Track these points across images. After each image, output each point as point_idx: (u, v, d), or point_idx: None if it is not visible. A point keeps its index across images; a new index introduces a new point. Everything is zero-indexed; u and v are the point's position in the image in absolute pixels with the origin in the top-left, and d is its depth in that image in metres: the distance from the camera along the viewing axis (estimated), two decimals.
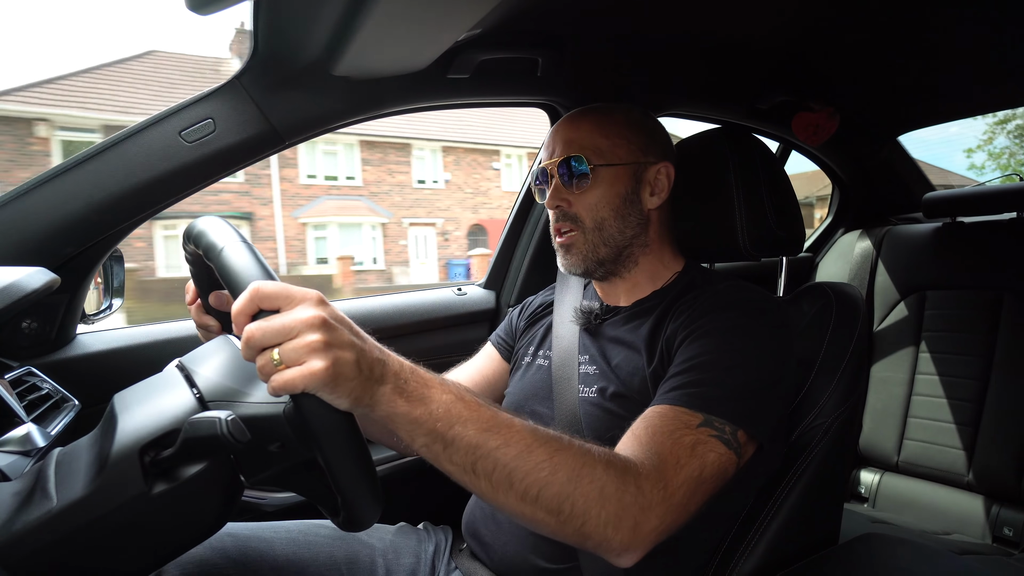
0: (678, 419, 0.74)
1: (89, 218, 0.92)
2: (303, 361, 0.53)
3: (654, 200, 0.98)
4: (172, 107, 0.98)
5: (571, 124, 0.98)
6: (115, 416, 0.59)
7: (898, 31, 1.29)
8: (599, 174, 0.94)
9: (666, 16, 1.14)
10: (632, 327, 0.94)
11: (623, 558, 0.67)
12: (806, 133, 1.66)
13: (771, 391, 0.80)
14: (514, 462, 0.62)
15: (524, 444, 0.63)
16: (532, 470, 0.62)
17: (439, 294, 1.55)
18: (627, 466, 0.67)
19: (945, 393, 1.71)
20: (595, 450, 0.67)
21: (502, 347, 1.15)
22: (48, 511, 0.54)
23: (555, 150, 0.97)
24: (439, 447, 0.61)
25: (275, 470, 0.61)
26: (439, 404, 0.61)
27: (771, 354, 0.82)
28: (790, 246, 1.09)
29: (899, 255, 1.88)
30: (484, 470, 0.62)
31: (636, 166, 0.96)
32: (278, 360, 0.53)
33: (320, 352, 0.54)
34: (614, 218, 0.95)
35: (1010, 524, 1.55)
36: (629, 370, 0.89)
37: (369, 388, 0.57)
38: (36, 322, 0.99)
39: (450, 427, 0.61)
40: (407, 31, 0.90)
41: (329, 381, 0.54)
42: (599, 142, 0.95)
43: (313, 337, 0.54)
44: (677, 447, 0.71)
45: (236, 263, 0.59)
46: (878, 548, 0.90)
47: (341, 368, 0.54)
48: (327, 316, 0.55)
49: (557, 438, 0.66)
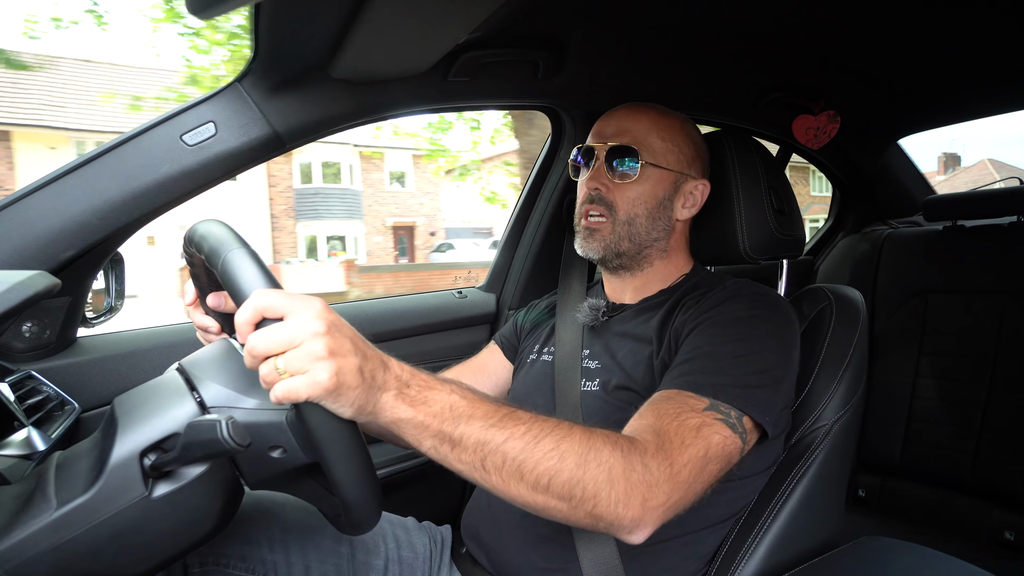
0: (684, 402, 0.75)
1: (90, 221, 0.92)
2: (306, 370, 0.54)
3: (684, 212, 0.99)
4: (173, 110, 0.98)
5: (631, 114, 0.98)
6: (115, 419, 0.59)
7: (899, 34, 1.29)
8: (646, 171, 0.95)
9: (666, 19, 1.14)
10: (640, 321, 0.95)
11: (634, 535, 0.68)
12: (806, 136, 1.66)
13: (777, 381, 0.81)
14: (522, 454, 0.63)
15: (530, 435, 0.64)
16: (541, 459, 0.63)
17: (439, 297, 1.55)
18: (632, 445, 0.68)
19: (946, 397, 1.70)
20: (600, 432, 0.67)
21: (506, 346, 1.15)
22: (48, 515, 0.54)
23: (608, 133, 0.97)
24: (447, 448, 0.62)
25: (276, 474, 0.61)
26: (442, 405, 0.61)
27: (778, 345, 0.83)
28: (790, 249, 1.09)
29: (900, 258, 1.88)
30: (494, 465, 0.62)
31: (679, 176, 0.97)
32: (282, 369, 0.54)
33: (323, 362, 0.54)
34: (646, 217, 0.96)
35: (1011, 528, 1.55)
36: (634, 360, 0.90)
37: (372, 395, 0.58)
38: (37, 326, 0.99)
39: (455, 426, 0.61)
40: (408, 34, 0.91)
41: (332, 390, 0.54)
42: (654, 141, 0.95)
43: (317, 347, 0.54)
44: (682, 428, 0.72)
45: (239, 269, 0.59)
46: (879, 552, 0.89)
47: (344, 377, 0.55)
48: (330, 325, 0.56)
49: (560, 425, 0.66)
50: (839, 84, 1.56)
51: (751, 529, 0.87)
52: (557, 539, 0.84)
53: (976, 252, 1.73)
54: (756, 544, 0.85)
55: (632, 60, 1.27)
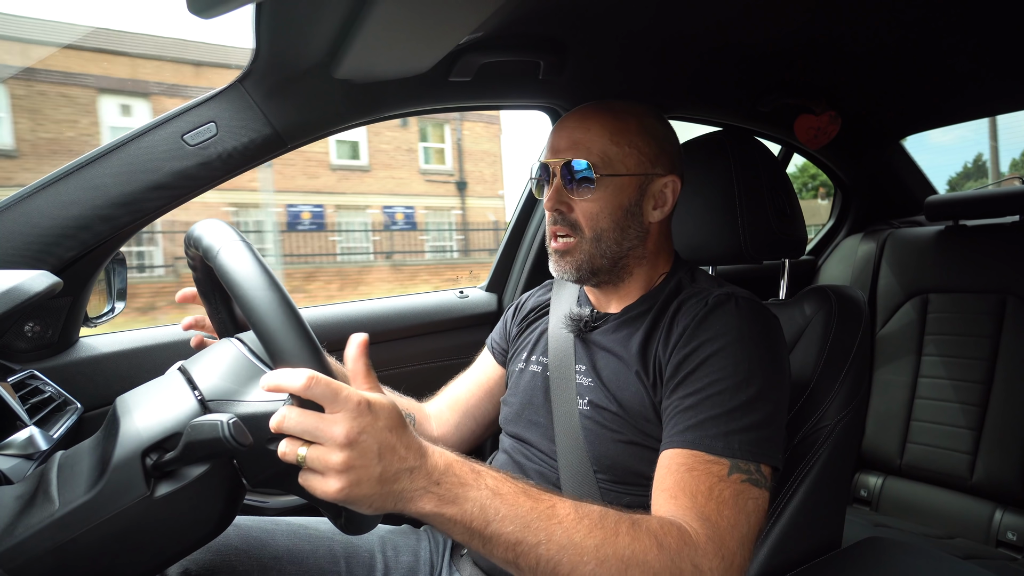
0: (707, 470, 0.73)
1: (92, 221, 0.93)
2: (323, 473, 0.56)
3: (656, 214, 0.93)
4: (174, 110, 0.98)
5: (580, 123, 0.91)
6: (117, 419, 0.59)
7: (900, 34, 1.29)
8: (603, 183, 0.89)
9: (667, 19, 1.14)
10: (622, 336, 0.91)
11: None
12: (808, 136, 1.66)
13: (779, 411, 0.80)
14: (558, 556, 0.61)
15: (567, 536, 0.62)
16: (578, 564, 0.61)
17: (441, 297, 1.55)
18: (681, 544, 0.65)
19: (948, 396, 1.70)
20: (644, 528, 0.65)
21: (497, 352, 1.14)
22: (50, 514, 0.54)
23: (560, 147, 0.92)
24: (477, 543, 0.61)
25: (276, 470, 0.61)
26: (474, 503, 0.61)
27: (772, 370, 0.81)
28: (792, 249, 1.09)
29: (901, 258, 1.88)
30: (528, 566, 0.62)
31: (643, 178, 0.91)
32: (303, 460, 0.55)
33: (340, 473, 0.55)
34: (613, 229, 0.90)
35: (1013, 529, 1.55)
36: (618, 383, 0.88)
37: (391, 498, 0.58)
38: (39, 325, 0.99)
39: (486, 526, 0.60)
40: (409, 34, 0.91)
41: (343, 501, 0.56)
42: (608, 149, 0.89)
43: (336, 458, 0.55)
44: (722, 507, 0.70)
45: (290, 344, 0.58)
46: (881, 552, 0.89)
47: (357, 489, 0.56)
48: (359, 431, 0.56)
49: (602, 521, 0.64)
50: (840, 84, 1.56)
51: None
52: None
53: (978, 252, 1.73)
54: (759, 544, 0.85)
55: (634, 60, 1.27)
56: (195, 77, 11.48)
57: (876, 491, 1.83)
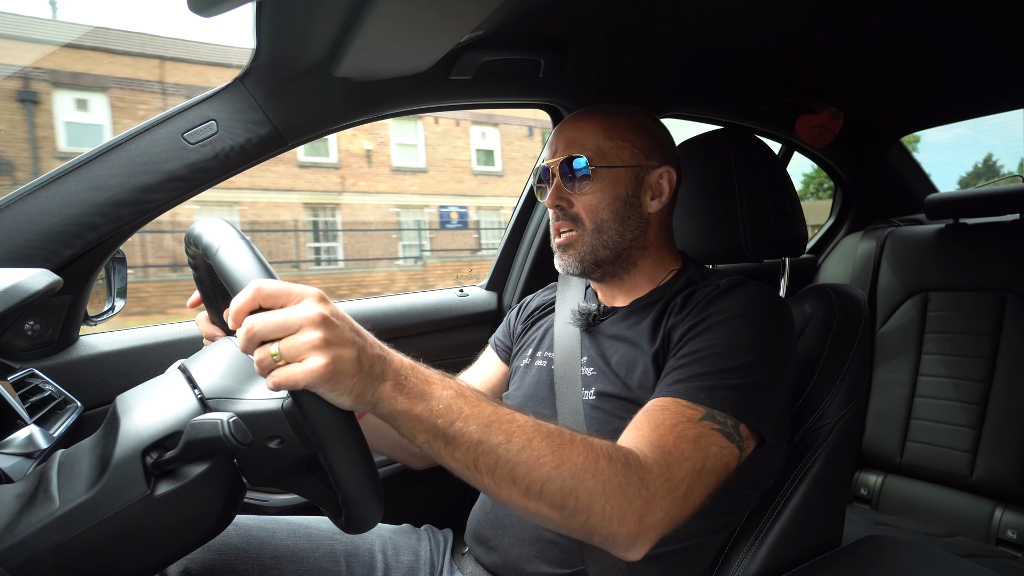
0: (680, 412, 0.74)
1: (92, 220, 0.93)
2: (303, 358, 0.53)
3: (654, 204, 0.97)
4: (175, 108, 0.98)
5: (575, 124, 0.97)
6: (118, 418, 0.59)
7: (901, 33, 1.29)
8: (600, 175, 0.93)
9: (668, 18, 1.14)
10: (631, 323, 0.93)
11: (630, 552, 0.67)
12: (812, 134, 1.66)
13: (773, 385, 0.80)
14: (516, 457, 0.62)
15: (526, 439, 0.63)
16: (535, 466, 0.62)
17: (441, 295, 1.55)
18: (629, 459, 0.67)
19: (948, 395, 1.70)
20: (597, 443, 0.67)
21: (501, 349, 1.15)
22: (51, 513, 0.54)
23: (557, 149, 0.97)
24: (440, 444, 0.61)
25: (276, 468, 0.61)
26: (440, 400, 0.61)
27: (774, 348, 0.82)
28: (792, 247, 1.09)
29: (902, 256, 1.88)
30: (487, 466, 0.62)
31: (638, 169, 0.95)
32: (278, 355, 0.53)
33: (321, 349, 0.54)
34: (613, 220, 0.94)
35: (1014, 527, 1.55)
36: (628, 365, 0.89)
37: (370, 385, 0.57)
38: (39, 324, 0.99)
39: (451, 424, 0.61)
40: (409, 33, 0.91)
41: (330, 378, 0.54)
42: (602, 143, 0.94)
43: (314, 334, 0.54)
44: (680, 440, 0.71)
45: (235, 259, 0.59)
46: (881, 551, 0.89)
47: (342, 365, 0.54)
48: (328, 313, 0.55)
49: (559, 432, 0.66)
50: (840, 83, 1.55)
51: (754, 528, 0.87)
52: (561, 542, 0.83)
53: (978, 250, 1.73)
54: (759, 543, 0.85)
55: (634, 59, 1.27)
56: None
57: (876, 489, 1.83)
